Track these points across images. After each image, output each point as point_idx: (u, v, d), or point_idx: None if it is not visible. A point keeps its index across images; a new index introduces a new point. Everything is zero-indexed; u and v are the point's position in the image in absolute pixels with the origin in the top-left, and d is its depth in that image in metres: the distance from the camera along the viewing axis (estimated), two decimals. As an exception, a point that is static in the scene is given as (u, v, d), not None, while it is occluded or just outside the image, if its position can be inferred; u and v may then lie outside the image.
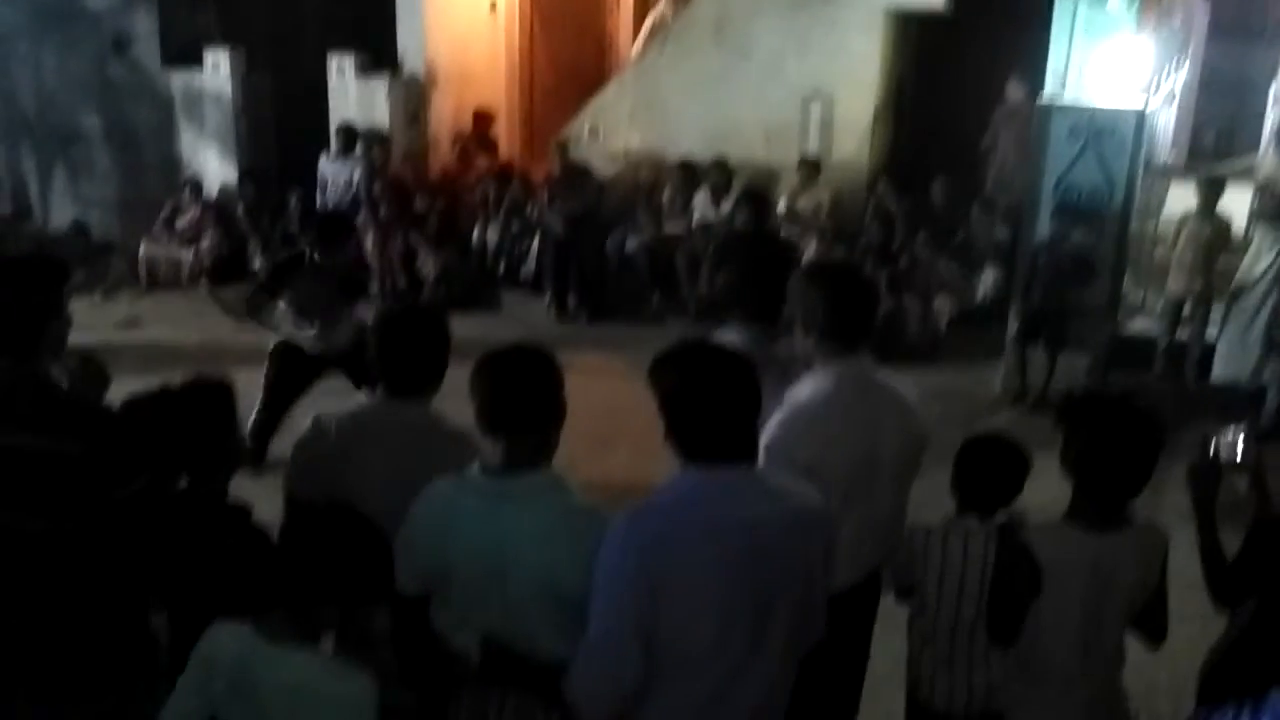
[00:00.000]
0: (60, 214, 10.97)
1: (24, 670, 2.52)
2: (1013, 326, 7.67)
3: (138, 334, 8.83)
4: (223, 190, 10.46)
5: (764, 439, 2.65)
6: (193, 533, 2.60)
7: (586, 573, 2.16)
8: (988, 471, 2.90)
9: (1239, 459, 2.74)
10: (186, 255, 9.98)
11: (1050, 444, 2.71)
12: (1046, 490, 2.87)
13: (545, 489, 2.33)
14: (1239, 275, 7.43)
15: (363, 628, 2.67)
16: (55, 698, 2.65)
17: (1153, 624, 2.71)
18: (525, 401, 2.33)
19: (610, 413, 6.44)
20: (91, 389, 3.22)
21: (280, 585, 2.22)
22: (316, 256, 5.80)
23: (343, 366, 5.80)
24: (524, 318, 9.38)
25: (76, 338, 2.80)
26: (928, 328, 8.58)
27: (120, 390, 3.00)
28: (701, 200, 9.58)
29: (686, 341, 2.28)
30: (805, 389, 2.83)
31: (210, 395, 2.77)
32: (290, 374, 5.92)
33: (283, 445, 2.96)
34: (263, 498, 2.94)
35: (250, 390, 7.14)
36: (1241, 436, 2.75)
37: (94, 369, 3.31)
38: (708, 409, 2.14)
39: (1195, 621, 2.88)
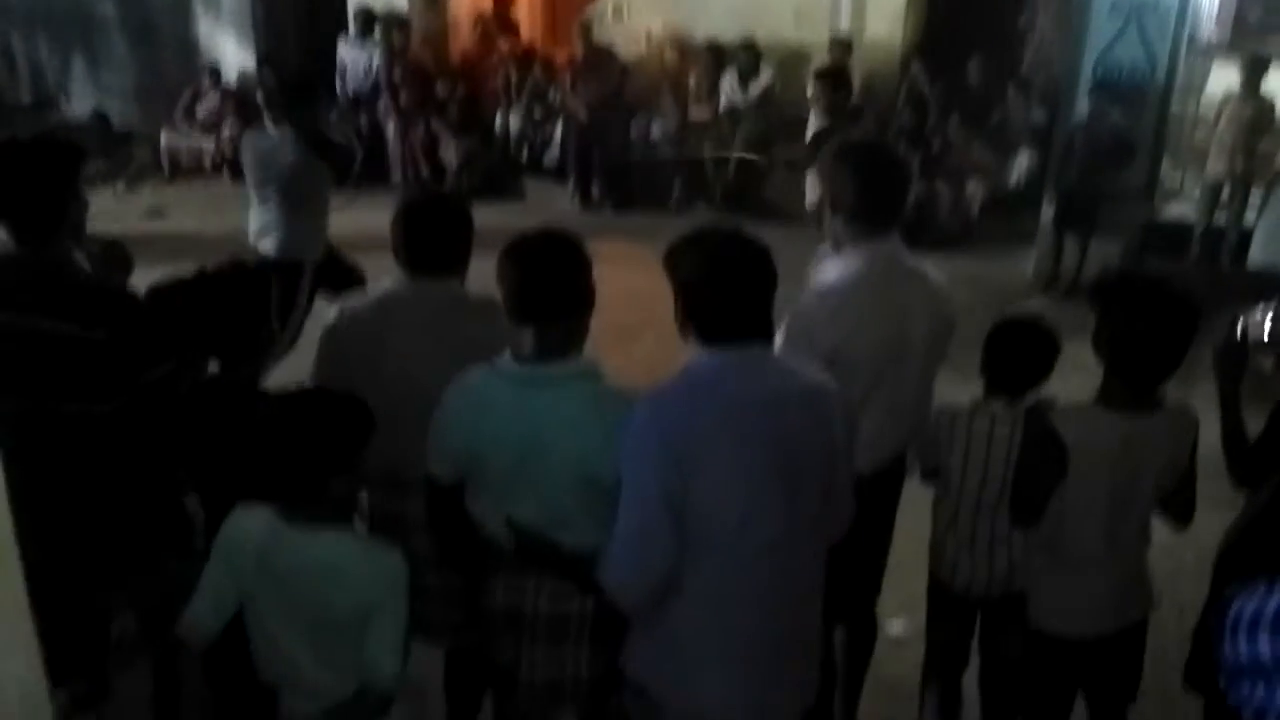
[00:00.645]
0: (80, 103, 10.87)
1: (61, 551, 2.57)
2: (1047, 212, 7.52)
3: (162, 224, 8.83)
4: (241, 77, 10.31)
5: (787, 321, 2.62)
6: (223, 418, 2.62)
7: (618, 458, 2.16)
8: (1017, 353, 2.86)
9: (1266, 338, 2.68)
10: (208, 144, 9.91)
11: (1082, 331, 2.66)
12: (1077, 378, 2.83)
13: (578, 376, 2.32)
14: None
15: (396, 513, 2.72)
16: (92, 577, 2.72)
17: (1180, 506, 2.69)
18: (555, 288, 2.30)
19: (636, 301, 6.38)
20: (115, 273, 3.22)
21: (277, 465, 2.22)
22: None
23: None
24: (548, 206, 9.29)
25: (101, 227, 2.79)
26: (960, 212, 8.44)
27: (146, 279, 3.00)
28: (729, 84, 9.36)
29: (700, 228, 2.25)
30: (833, 271, 2.78)
31: (245, 280, 2.75)
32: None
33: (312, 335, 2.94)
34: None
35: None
36: (1270, 316, 2.69)
37: (118, 253, 3.31)
38: (723, 290, 2.12)
39: (1224, 507, 2.86)
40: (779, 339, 2.47)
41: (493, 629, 2.46)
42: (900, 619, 3.66)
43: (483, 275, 2.46)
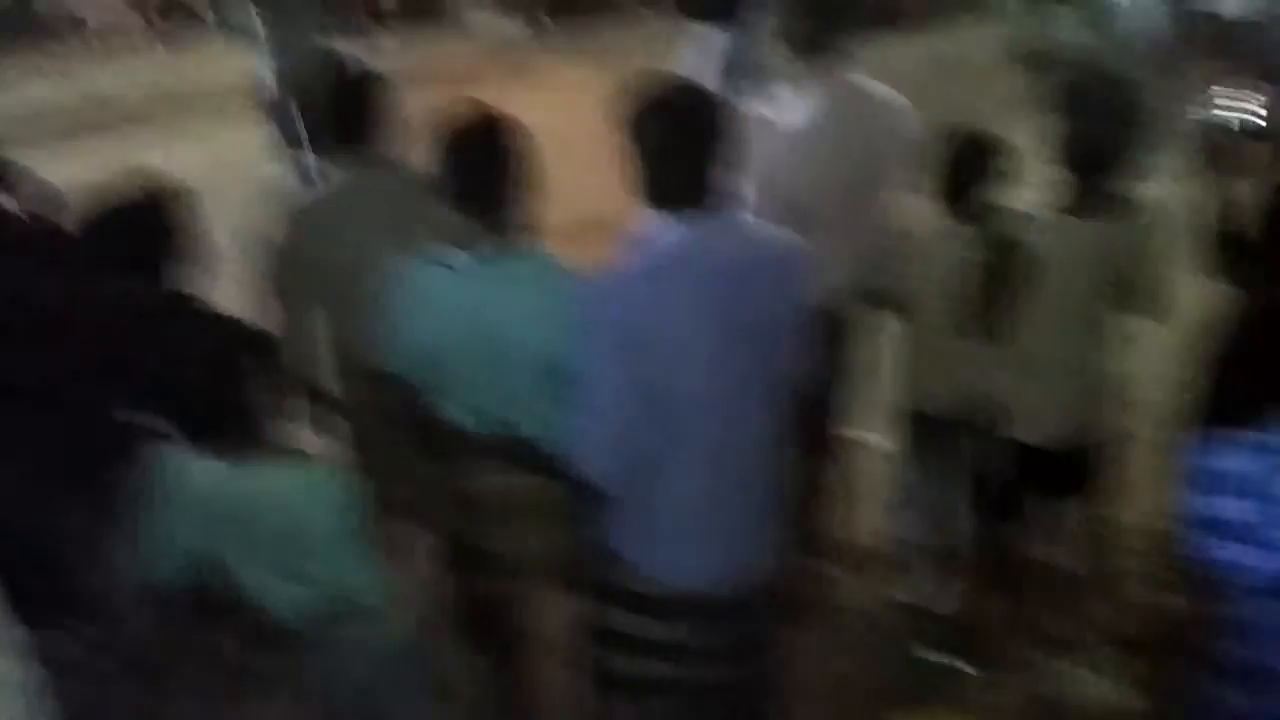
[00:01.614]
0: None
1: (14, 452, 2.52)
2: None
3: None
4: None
5: (749, 172, 2.49)
6: (166, 335, 2.50)
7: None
8: (967, 166, 2.72)
9: (1258, 124, 2.55)
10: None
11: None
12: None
13: (536, 267, 2.26)
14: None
15: (407, 546, 2.70)
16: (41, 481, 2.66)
17: (1155, 304, 2.64)
18: (494, 176, 2.22)
19: (590, 135, 6.18)
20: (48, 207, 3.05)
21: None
22: None
23: None
24: (486, 26, 8.87)
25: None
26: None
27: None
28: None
29: (662, 88, 2.06)
30: (793, 113, 2.62)
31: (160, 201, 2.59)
32: None
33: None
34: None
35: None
36: (1260, 101, 2.54)
37: (49, 191, 3.12)
38: (690, 162, 2.00)
39: (1198, 306, 2.81)
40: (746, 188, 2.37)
41: (467, 513, 2.45)
42: (877, 433, 3.66)
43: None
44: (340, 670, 2.22)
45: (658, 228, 2.04)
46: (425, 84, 5.12)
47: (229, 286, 2.77)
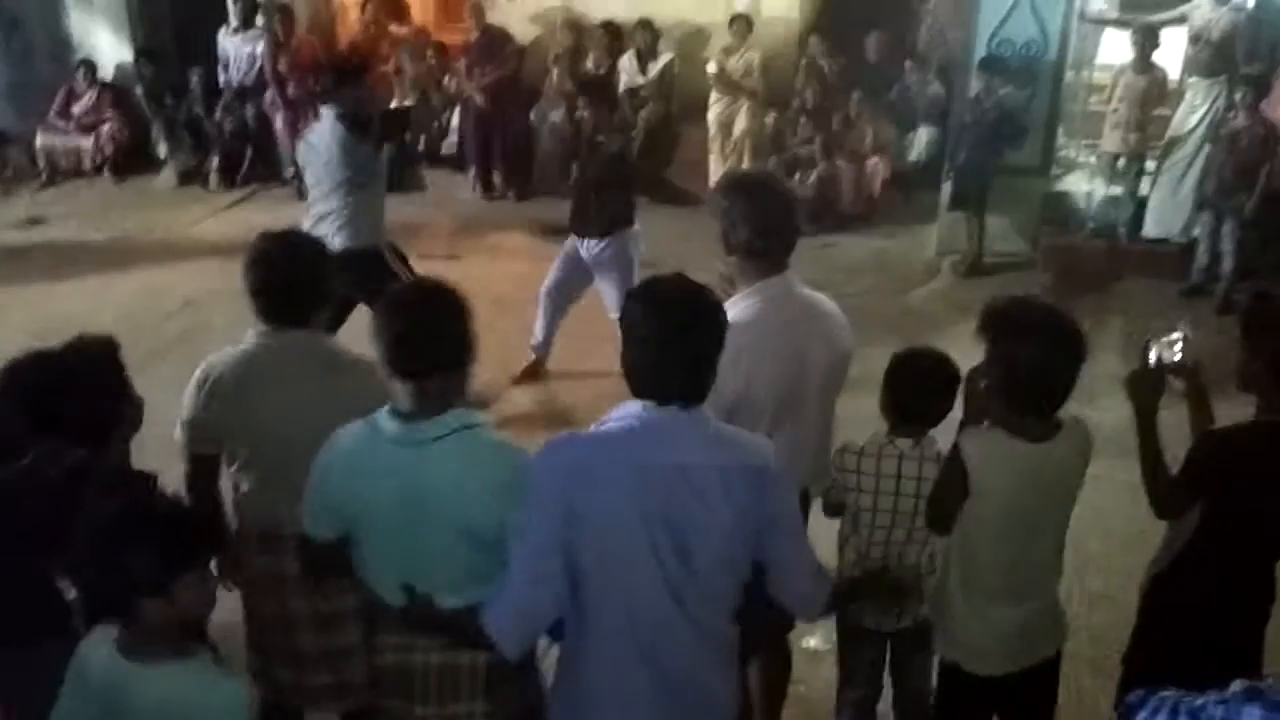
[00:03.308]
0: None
1: None
2: (946, 189, 7.56)
3: (42, 232, 8.42)
4: (119, 71, 9.83)
5: None
6: (91, 502, 2.45)
7: (502, 510, 2.13)
8: (918, 389, 2.83)
9: (1177, 360, 2.68)
10: (86, 143, 9.44)
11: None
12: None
13: (457, 430, 2.24)
14: (1171, 129, 7.33)
15: (275, 573, 2.65)
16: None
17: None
18: (430, 343, 2.22)
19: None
20: None
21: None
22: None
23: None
24: (449, 197, 9.07)
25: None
26: (862, 190, 8.44)
27: (21, 297, 2.80)
28: (627, 64, 9.20)
29: (657, 280, 2.15)
30: (730, 313, 2.70)
31: (94, 355, 2.57)
32: None
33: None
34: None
35: (166, 293, 6.95)
36: (1179, 338, 2.68)
37: None
38: (669, 354, 2.06)
39: (1127, 489, 2.89)
40: None
41: (383, 688, 2.42)
42: (817, 635, 3.65)
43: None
44: None
45: (626, 408, 2.11)
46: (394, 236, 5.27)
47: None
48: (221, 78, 9.37)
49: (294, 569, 2.60)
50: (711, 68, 8.93)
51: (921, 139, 8.67)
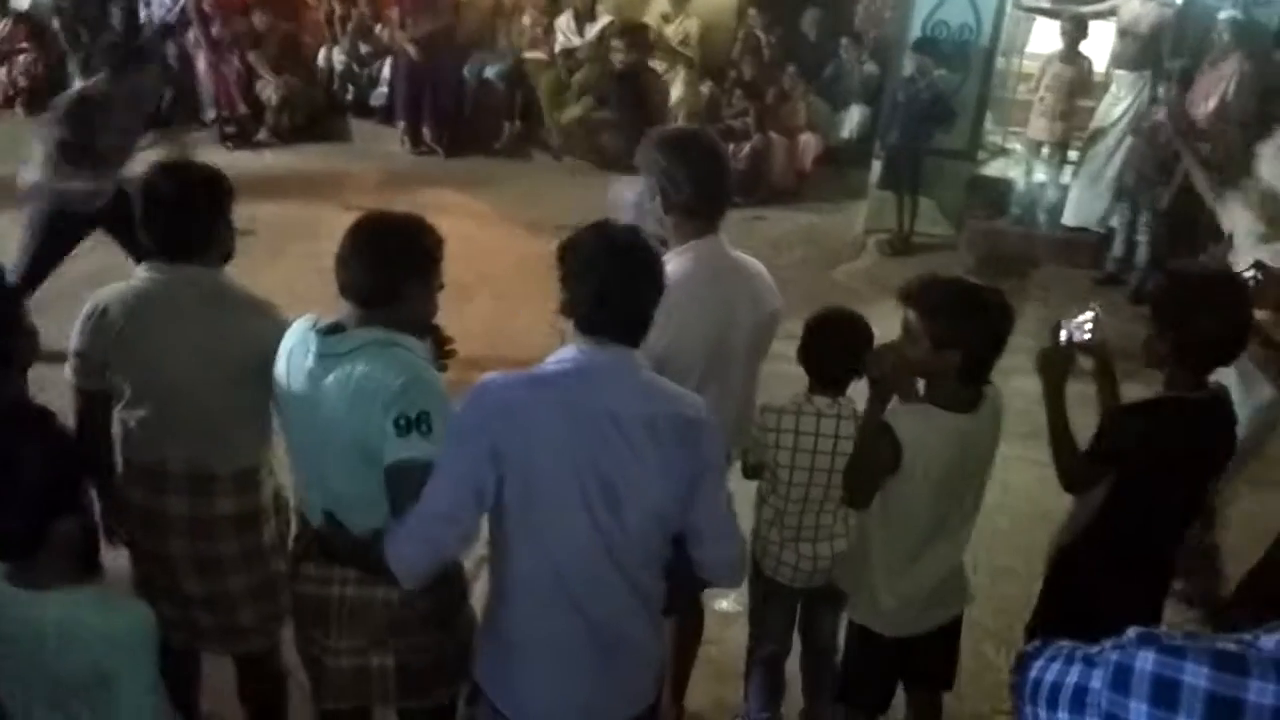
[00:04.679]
0: None
1: None
2: (876, 166, 7.62)
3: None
4: (35, 3, 9.44)
5: None
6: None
7: (382, 420, 2.15)
8: (836, 348, 2.85)
9: (1087, 339, 2.74)
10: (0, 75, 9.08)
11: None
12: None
13: (369, 345, 2.23)
14: (1095, 120, 7.48)
15: (156, 510, 2.61)
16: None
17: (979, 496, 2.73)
18: (370, 278, 2.27)
19: (471, 257, 6.20)
20: None
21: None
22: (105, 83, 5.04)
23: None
24: (376, 150, 8.91)
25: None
26: (793, 166, 8.49)
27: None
28: (564, 24, 9.10)
29: (599, 225, 2.15)
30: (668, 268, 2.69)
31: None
32: (56, 239, 5.11)
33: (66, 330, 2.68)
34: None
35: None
36: (1090, 318, 2.74)
37: None
38: (612, 294, 2.06)
39: (1035, 467, 2.94)
40: None
41: (301, 616, 2.45)
42: (730, 597, 3.67)
43: (313, 218, 2.35)
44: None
45: (566, 351, 2.09)
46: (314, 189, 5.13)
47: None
48: (143, 13, 9.06)
49: (176, 508, 2.59)
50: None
51: (854, 117, 8.73)
